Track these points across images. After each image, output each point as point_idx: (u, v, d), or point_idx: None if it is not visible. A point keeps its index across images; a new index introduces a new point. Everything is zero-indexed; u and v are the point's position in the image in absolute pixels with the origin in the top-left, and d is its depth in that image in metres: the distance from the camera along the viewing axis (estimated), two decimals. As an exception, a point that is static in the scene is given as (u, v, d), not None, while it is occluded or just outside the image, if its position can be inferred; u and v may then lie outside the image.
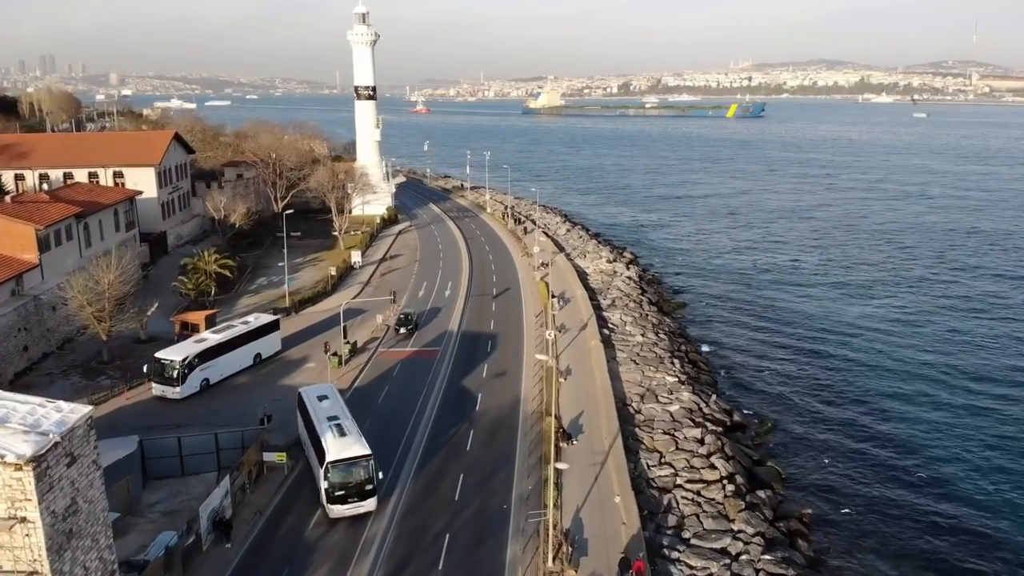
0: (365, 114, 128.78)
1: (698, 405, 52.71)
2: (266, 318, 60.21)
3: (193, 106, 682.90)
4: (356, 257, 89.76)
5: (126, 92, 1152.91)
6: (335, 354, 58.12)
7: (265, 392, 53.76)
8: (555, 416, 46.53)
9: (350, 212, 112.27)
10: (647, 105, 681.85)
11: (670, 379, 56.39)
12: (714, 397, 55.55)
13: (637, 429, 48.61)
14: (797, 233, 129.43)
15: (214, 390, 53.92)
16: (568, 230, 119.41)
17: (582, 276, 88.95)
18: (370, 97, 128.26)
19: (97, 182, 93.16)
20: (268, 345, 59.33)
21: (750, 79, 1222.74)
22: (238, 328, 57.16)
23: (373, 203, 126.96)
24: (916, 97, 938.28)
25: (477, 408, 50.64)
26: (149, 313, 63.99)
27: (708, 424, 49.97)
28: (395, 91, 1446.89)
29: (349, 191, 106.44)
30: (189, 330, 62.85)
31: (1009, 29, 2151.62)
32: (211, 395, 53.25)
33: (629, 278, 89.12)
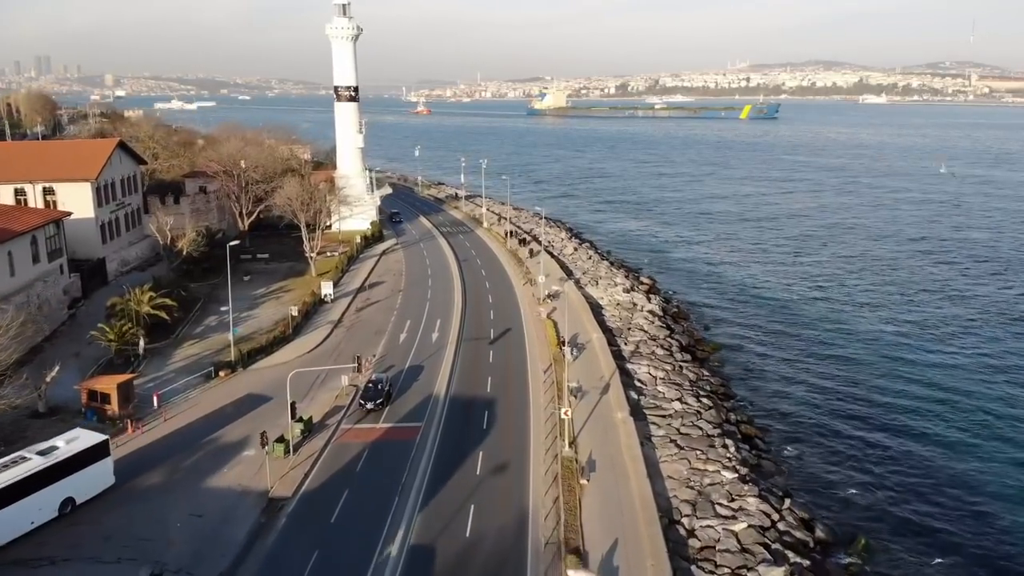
0: (346, 118, 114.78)
1: (770, 518, 38.61)
2: (86, 440, 38.89)
3: (194, 107, 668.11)
4: (327, 289, 75.47)
5: (119, 93, 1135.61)
6: (280, 440, 43.98)
7: (183, 499, 39.60)
8: (580, 551, 32.58)
9: (328, 228, 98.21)
10: (657, 106, 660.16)
11: (727, 474, 42.25)
12: (788, 502, 41.43)
13: (694, 567, 34.49)
14: (837, 248, 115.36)
15: (106, 500, 39.31)
16: (575, 248, 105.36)
17: (596, 310, 74.92)
18: (352, 98, 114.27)
19: (25, 201, 79.09)
20: (88, 483, 38.45)
21: (748, 80, 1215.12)
22: (32, 463, 36.27)
23: (355, 217, 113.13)
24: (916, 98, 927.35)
25: (468, 533, 36.43)
26: (49, 379, 49.75)
27: (789, 553, 35.91)
28: (391, 91, 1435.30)
29: (328, 205, 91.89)
30: (98, 401, 48.79)
31: (1006, 30, 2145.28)
32: (105, 507, 38.82)
33: (652, 312, 75.11)
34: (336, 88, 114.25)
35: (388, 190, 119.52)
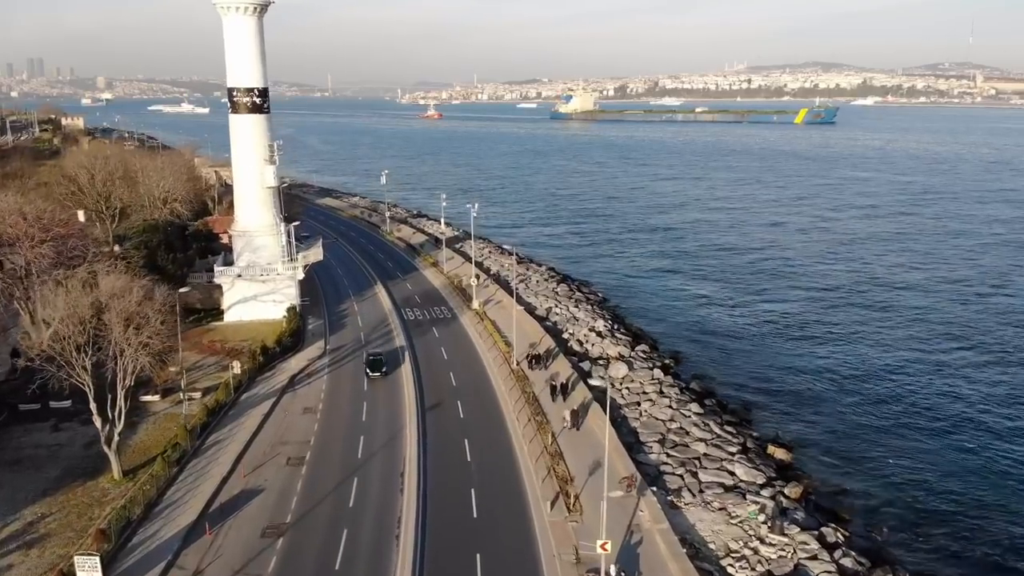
0: (247, 139, 70.01)
1: None
2: None
3: (206, 111, 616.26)
4: (86, 571, 30.01)
5: (107, 96, 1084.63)
6: None
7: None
8: None
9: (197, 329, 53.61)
10: (698, 109, 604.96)
11: None
12: None
13: None
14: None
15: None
16: (631, 364, 60.77)
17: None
18: (256, 108, 69.70)
19: None
20: None
21: (749, 81, 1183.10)
22: None
23: (262, 300, 69.47)
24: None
25: None
26: None
27: None
28: (388, 94, 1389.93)
29: (136, 356, 42.95)
30: None
31: (1004, 31, 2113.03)
32: None
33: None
34: (231, 92, 69.69)
35: (318, 256, 74.11)
